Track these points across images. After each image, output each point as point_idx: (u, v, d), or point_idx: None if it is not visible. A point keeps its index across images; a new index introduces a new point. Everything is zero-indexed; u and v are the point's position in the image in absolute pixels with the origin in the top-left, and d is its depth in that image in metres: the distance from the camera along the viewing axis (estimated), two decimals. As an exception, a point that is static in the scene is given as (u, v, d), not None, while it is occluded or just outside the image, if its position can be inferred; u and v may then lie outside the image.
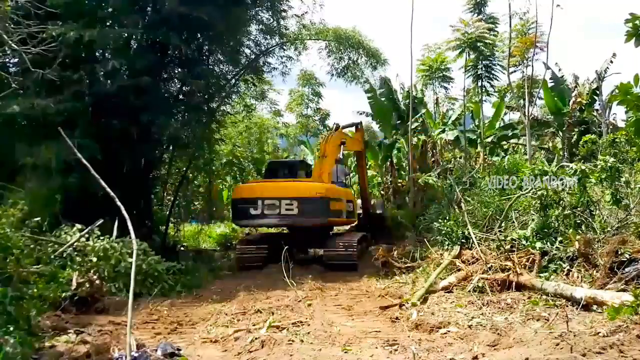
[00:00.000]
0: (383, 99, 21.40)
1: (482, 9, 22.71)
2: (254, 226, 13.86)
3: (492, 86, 22.82)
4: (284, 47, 17.67)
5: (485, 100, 23.88)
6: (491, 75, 22.03)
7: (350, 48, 19.33)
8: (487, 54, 21.45)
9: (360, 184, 17.60)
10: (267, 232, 15.20)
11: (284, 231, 14.39)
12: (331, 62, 20.03)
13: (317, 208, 10.95)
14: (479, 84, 21.73)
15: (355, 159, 18.20)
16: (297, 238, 12.10)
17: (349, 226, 15.29)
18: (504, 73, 22.73)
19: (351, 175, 16.61)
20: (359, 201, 16.31)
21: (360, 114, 23.19)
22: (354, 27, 19.19)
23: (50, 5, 8.78)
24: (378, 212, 17.12)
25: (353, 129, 15.89)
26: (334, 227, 13.91)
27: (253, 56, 16.19)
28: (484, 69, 21.44)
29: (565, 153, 19.13)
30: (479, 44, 20.97)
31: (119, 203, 6.12)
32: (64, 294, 6.50)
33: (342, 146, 13.63)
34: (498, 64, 21.98)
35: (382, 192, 23.64)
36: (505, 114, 25.51)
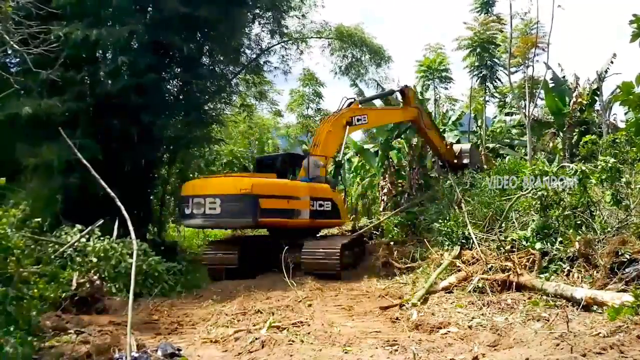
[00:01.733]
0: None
1: (489, 9, 22.67)
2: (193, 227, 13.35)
3: (495, 87, 22.89)
4: (286, 46, 17.67)
5: (488, 102, 23.93)
6: (495, 76, 22.07)
7: (353, 46, 19.18)
8: (496, 55, 21.49)
9: (431, 147, 15.82)
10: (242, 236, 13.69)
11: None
12: (334, 60, 19.93)
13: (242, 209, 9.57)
14: (484, 84, 21.68)
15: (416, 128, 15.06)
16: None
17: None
18: (505, 74, 22.81)
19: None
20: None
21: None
22: (357, 25, 19.10)
23: (55, 5, 8.80)
24: (464, 162, 15.42)
25: (396, 96, 13.88)
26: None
27: (254, 56, 16.22)
28: (488, 70, 21.48)
29: (567, 154, 19.12)
30: (491, 45, 21.00)
31: (119, 203, 6.13)
32: (64, 294, 6.50)
33: (348, 127, 11.43)
34: (502, 65, 22.05)
35: (383, 195, 23.56)
36: (508, 114, 25.55)
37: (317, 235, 11.83)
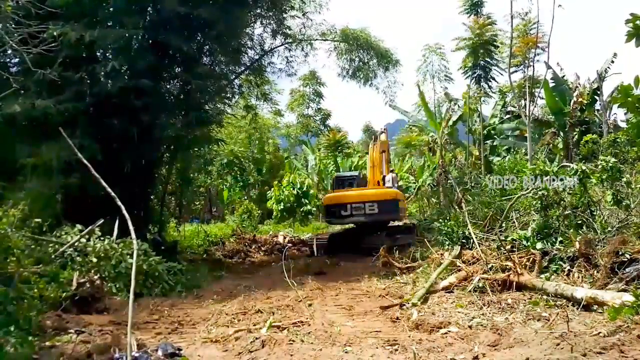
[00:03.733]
0: None
1: (479, 10, 22.91)
2: (345, 223, 15.96)
3: (490, 87, 23.09)
4: (289, 47, 17.55)
5: (484, 101, 24.06)
6: (489, 76, 22.27)
7: (360, 49, 18.93)
8: (492, 55, 21.66)
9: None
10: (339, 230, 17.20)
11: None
12: (341, 63, 19.64)
13: (392, 208, 14.06)
14: (479, 84, 21.86)
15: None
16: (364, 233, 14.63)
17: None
18: (502, 75, 22.97)
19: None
20: None
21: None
22: (363, 28, 18.85)
23: (51, 5, 8.78)
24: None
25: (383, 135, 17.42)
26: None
27: (256, 57, 16.16)
28: (481, 70, 21.65)
29: (568, 153, 19.13)
30: (488, 46, 21.15)
31: (119, 203, 6.12)
32: (64, 294, 6.49)
33: (384, 154, 15.74)
34: (497, 65, 22.18)
35: None
36: (508, 112, 25.63)
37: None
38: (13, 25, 7.23)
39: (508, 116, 25.23)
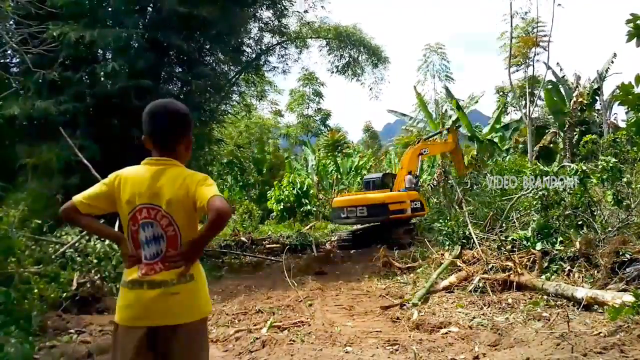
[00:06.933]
0: None
1: None
2: (346, 224, 17.20)
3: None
4: (285, 45, 17.68)
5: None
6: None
7: (351, 45, 19.23)
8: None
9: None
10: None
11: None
12: (332, 59, 20.03)
13: (380, 211, 14.89)
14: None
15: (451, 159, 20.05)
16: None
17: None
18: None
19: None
20: None
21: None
22: (355, 25, 19.09)
23: (51, 5, 8.78)
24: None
25: (443, 134, 18.36)
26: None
27: (254, 55, 16.23)
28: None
29: (567, 153, 19.12)
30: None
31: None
32: (65, 294, 6.50)
33: (420, 156, 16.69)
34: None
35: None
36: (508, 113, 25.62)
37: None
38: (13, 26, 7.23)
39: (509, 116, 25.26)
